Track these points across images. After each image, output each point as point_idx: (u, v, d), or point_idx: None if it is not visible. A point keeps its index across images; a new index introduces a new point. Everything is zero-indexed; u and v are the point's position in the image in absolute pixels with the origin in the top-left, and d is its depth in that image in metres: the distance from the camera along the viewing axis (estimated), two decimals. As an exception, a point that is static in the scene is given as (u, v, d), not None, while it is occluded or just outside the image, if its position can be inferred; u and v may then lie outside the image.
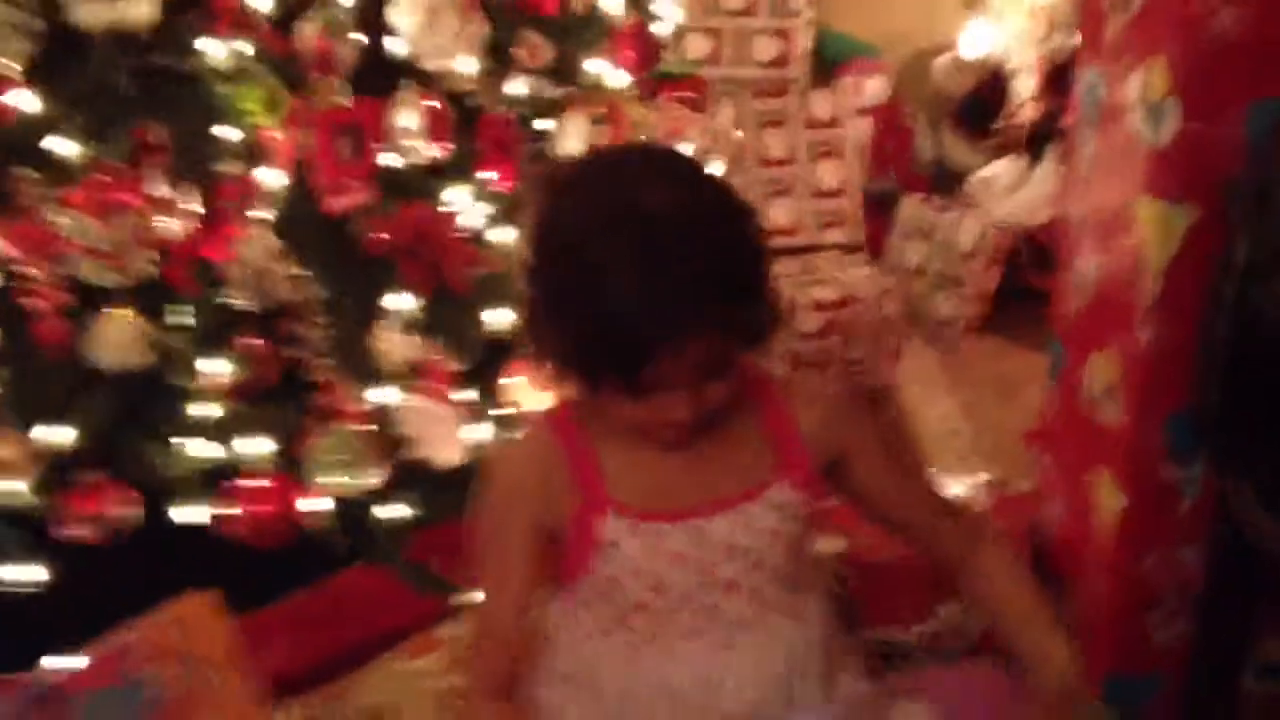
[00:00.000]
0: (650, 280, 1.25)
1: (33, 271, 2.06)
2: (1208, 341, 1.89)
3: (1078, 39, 3.85)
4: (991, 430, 3.26)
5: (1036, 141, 3.96)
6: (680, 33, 3.04)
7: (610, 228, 1.28)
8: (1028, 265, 3.83)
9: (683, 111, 2.76)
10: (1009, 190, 3.93)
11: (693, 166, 1.40)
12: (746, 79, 4.06)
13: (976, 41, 4.06)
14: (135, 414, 2.15)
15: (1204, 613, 2.09)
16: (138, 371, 2.14)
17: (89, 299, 2.12)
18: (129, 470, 2.12)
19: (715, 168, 2.63)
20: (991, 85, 4.13)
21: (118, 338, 2.13)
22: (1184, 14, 1.82)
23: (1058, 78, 3.99)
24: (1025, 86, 4.05)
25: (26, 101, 2.04)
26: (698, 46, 3.99)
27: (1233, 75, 1.82)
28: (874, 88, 4.23)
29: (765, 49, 4.04)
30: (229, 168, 2.04)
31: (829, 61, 4.27)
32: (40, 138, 2.04)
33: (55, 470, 2.07)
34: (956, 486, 2.53)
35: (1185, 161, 1.87)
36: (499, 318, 2.35)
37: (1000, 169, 3.99)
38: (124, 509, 2.09)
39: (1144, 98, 1.91)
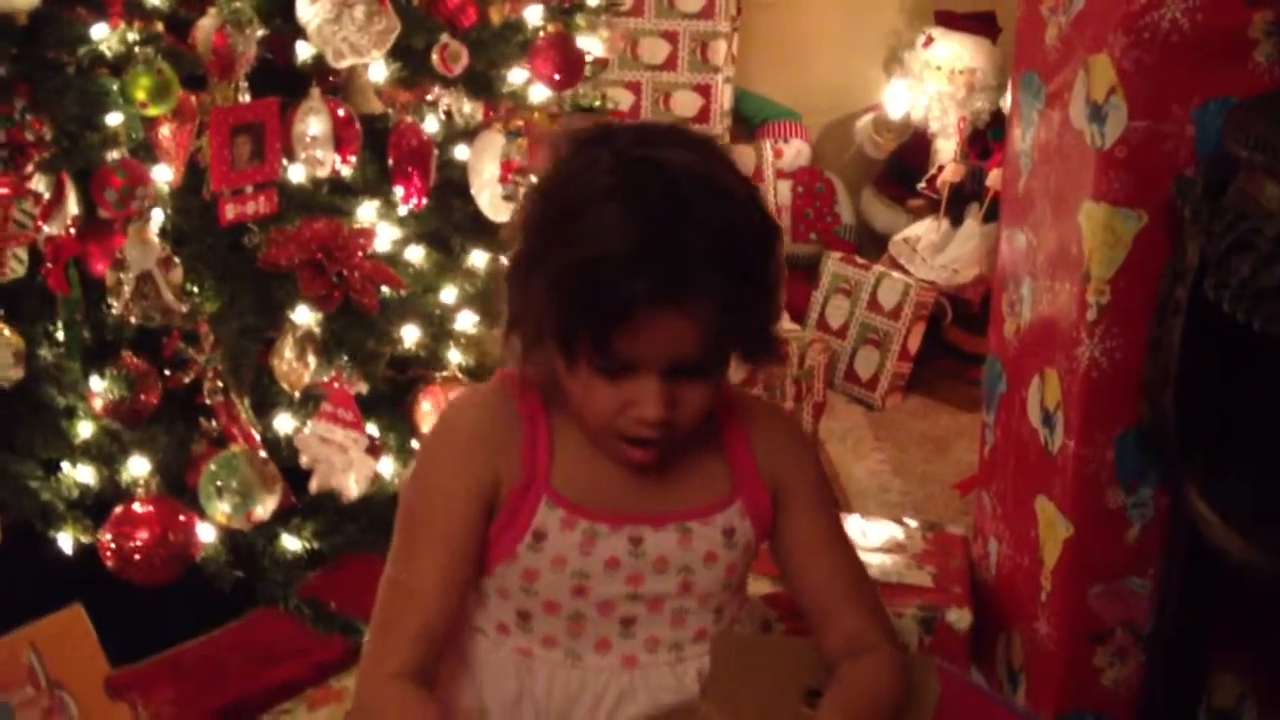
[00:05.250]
0: (648, 224, 1.18)
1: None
2: (1158, 352, 1.80)
3: (999, 101, 3.93)
4: (921, 484, 3.17)
5: (958, 202, 3.93)
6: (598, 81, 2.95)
7: (619, 169, 1.21)
8: (952, 325, 3.78)
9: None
10: (932, 250, 3.89)
11: (727, 156, 1.32)
12: (666, 135, 3.98)
13: (898, 103, 4.04)
14: (6, 432, 1.96)
15: (1155, 648, 1.97)
16: (8, 387, 1.96)
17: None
18: (-3, 492, 1.94)
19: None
20: (913, 147, 4.11)
21: (-14, 350, 1.95)
22: (1128, 9, 1.75)
23: (978, 140, 3.99)
24: (946, 148, 4.03)
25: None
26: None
27: (1180, 72, 1.75)
28: (794, 151, 4.19)
29: (686, 104, 3.98)
30: (112, 160, 1.88)
31: (748, 122, 4.23)
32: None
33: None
34: (890, 529, 2.41)
35: (1133, 163, 1.79)
36: (409, 336, 2.20)
37: (922, 229, 3.95)
38: (-13, 533, 1.89)
39: (1088, 97, 1.83)
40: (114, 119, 1.89)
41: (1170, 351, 1.76)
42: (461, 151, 2.39)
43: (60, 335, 2.02)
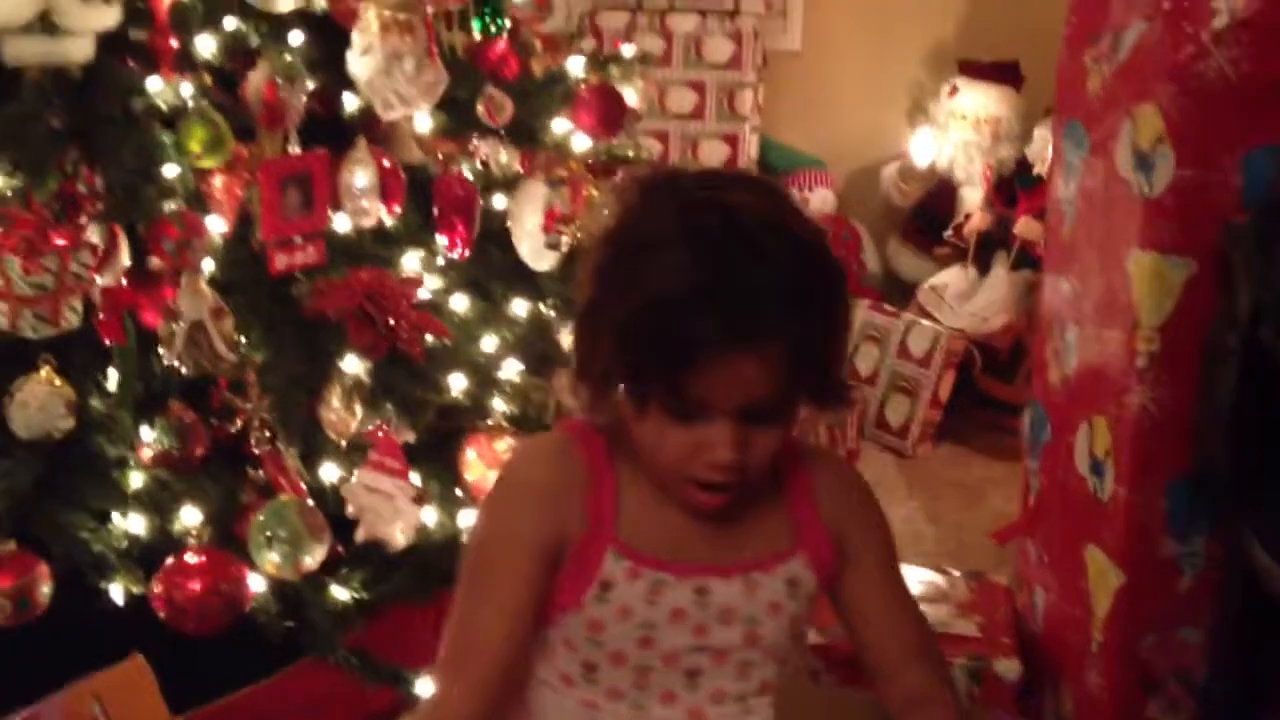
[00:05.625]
0: (714, 264, 1.19)
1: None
2: (1209, 399, 1.80)
3: (1024, 149, 3.95)
4: (955, 532, 3.15)
5: (985, 250, 3.94)
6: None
7: (687, 211, 1.22)
8: (982, 372, 3.78)
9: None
10: (960, 298, 3.90)
11: (793, 200, 1.33)
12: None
13: (924, 151, 4.06)
14: (56, 481, 1.97)
15: (1210, 699, 1.95)
16: (59, 438, 1.96)
17: (6, 354, 1.95)
18: (47, 543, 1.93)
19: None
20: (938, 195, 4.13)
21: (39, 402, 1.96)
22: (1175, 60, 1.77)
23: (1004, 187, 4.01)
24: (972, 196, 4.04)
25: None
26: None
27: (1227, 121, 1.76)
28: (820, 200, 4.21)
29: (713, 154, 4.00)
30: (167, 211, 1.90)
31: (773, 171, 4.25)
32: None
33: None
34: (932, 577, 2.40)
35: (1180, 211, 1.80)
36: (455, 385, 2.21)
37: (950, 277, 3.96)
38: (39, 583, 1.89)
39: (1134, 146, 1.84)
40: (170, 171, 1.90)
41: (1221, 398, 1.76)
42: (498, 201, 2.41)
43: (111, 386, 2.03)
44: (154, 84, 1.94)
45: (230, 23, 2.08)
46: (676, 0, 3.99)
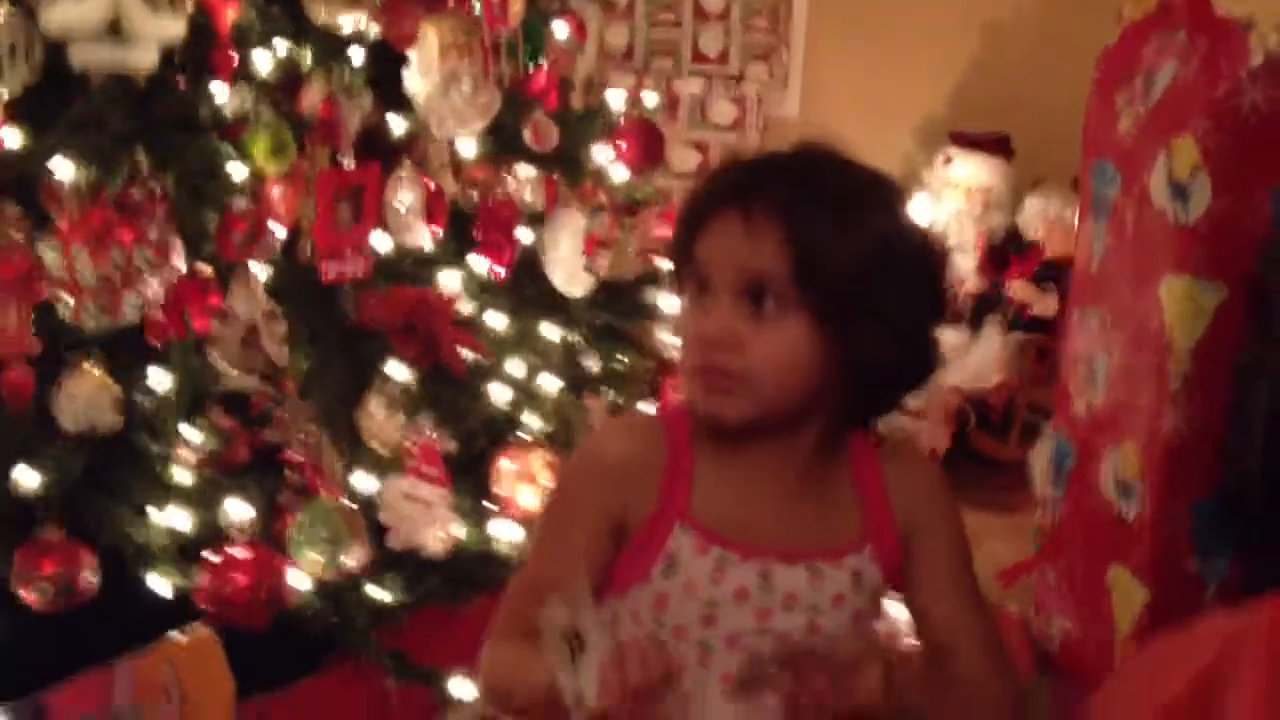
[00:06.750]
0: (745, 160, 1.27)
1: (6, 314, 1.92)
2: (1241, 419, 1.86)
3: (1014, 217, 4.07)
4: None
5: (978, 313, 4.04)
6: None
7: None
8: (976, 429, 3.84)
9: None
10: (954, 357, 3.97)
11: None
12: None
13: (919, 216, 4.16)
14: (102, 474, 1.98)
15: None
16: (104, 432, 1.99)
17: (56, 351, 1.98)
18: (93, 534, 1.94)
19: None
20: (932, 260, 4.21)
21: (86, 396, 1.98)
22: (1211, 95, 1.86)
23: (996, 254, 4.12)
24: (964, 262, 4.14)
25: (10, 137, 1.94)
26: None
27: (1260, 152, 1.85)
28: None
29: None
30: (231, 210, 1.94)
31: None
32: (27, 171, 1.92)
33: (11, 524, 1.89)
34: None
35: (1214, 237, 1.88)
36: (497, 396, 2.25)
37: (944, 337, 4.03)
38: (84, 571, 1.90)
39: (1170, 177, 1.93)
40: (238, 171, 1.95)
41: (1255, 418, 1.83)
42: (525, 234, 2.46)
43: (154, 385, 2.05)
44: (219, 91, 1.99)
45: (284, 44, 2.14)
46: (685, 64, 4.10)
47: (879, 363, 1.27)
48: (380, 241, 2.24)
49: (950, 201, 4.14)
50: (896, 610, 1.46)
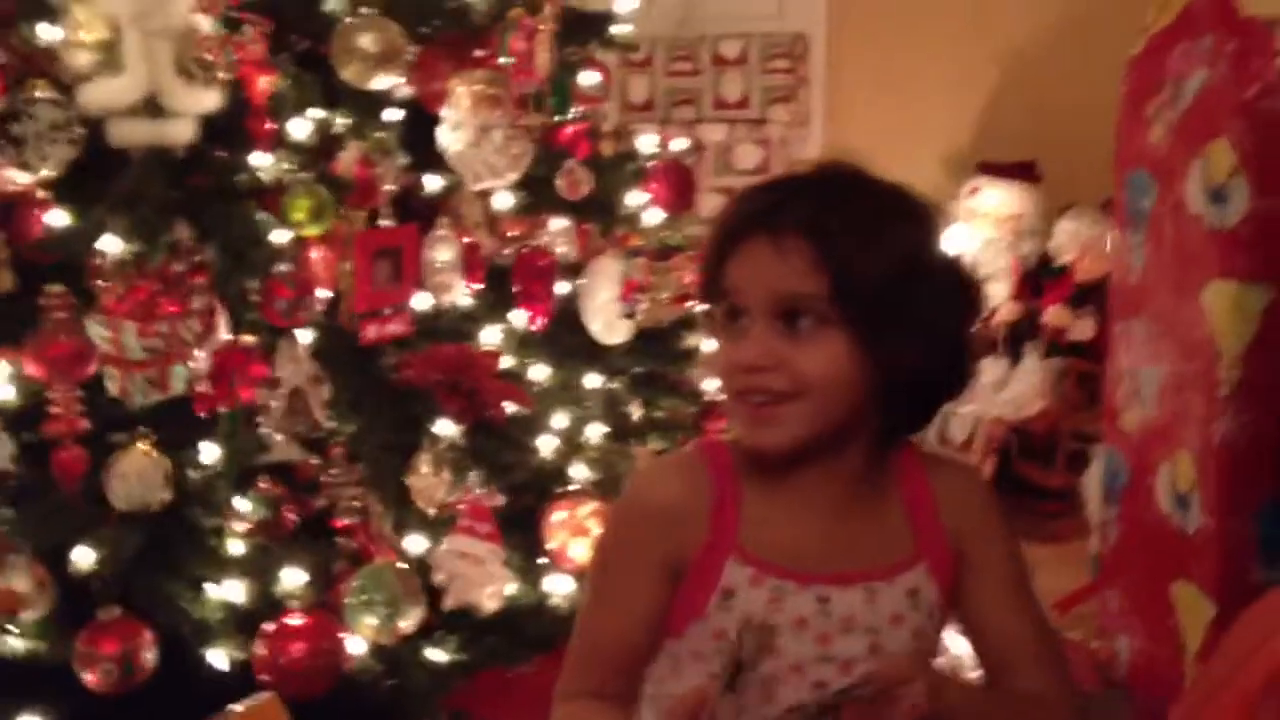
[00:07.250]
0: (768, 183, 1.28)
1: (55, 395, 1.93)
2: (1298, 420, 1.84)
3: (1046, 243, 4.06)
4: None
5: (1014, 341, 4.02)
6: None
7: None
8: (1019, 457, 3.81)
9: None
10: (994, 388, 3.95)
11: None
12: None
13: (953, 245, 4.15)
14: (157, 550, 1.99)
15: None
16: (156, 508, 1.99)
17: (107, 429, 1.99)
18: (149, 610, 1.95)
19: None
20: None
21: (137, 473, 1.99)
22: (1243, 96, 1.86)
23: (1029, 281, 4.10)
24: (997, 291, 4.12)
25: (56, 217, 1.97)
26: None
27: (1296, 150, 1.85)
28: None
29: (744, 254, 4.08)
30: (274, 276, 1.96)
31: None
32: (72, 249, 1.94)
33: (69, 605, 1.89)
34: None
35: (1257, 239, 1.87)
36: (544, 447, 2.24)
37: (983, 367, 4.02)
38: (144, 649, 1.89)
39: (1206, 182, 1.92)
40: (279, 236, 1.97)
41: (1312, 418, 1.81)
42: (561, 286, 2.47)
43: (204, 458, 2.06)
44: (258, 159, 2.01)
45: (318, 112, 2.16)
46: (706, 112, 4.13)
47: (917, 371, 1.26)
48: (420, 300, 2.25)
49: (981, 231, 4.13)
50: (958, 645, 1.45)
